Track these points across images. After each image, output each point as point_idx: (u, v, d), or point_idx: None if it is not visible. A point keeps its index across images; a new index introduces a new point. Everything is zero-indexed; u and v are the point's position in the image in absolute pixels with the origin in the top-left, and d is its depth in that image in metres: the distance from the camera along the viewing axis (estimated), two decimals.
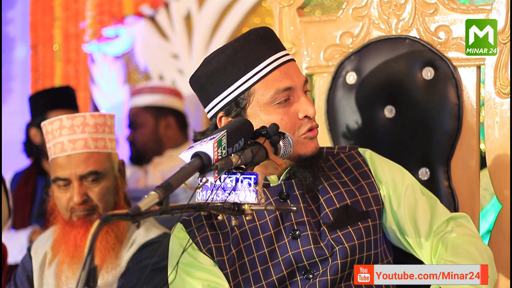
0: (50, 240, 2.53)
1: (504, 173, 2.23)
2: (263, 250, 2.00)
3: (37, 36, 5.10)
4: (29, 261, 2.57)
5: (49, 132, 2.45)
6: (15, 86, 5.21)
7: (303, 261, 1.98)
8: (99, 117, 2.44)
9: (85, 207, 2.42)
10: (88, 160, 2.41)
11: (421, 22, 2.34)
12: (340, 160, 2.09)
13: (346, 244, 1.98)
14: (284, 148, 1.90)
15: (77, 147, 2.41)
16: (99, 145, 2.44)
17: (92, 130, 2.42)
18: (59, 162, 2.43)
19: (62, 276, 2.46)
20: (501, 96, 2.24)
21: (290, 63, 2.00)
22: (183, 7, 4.66)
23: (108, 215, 1.51)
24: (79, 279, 1.41)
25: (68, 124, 2.42)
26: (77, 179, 2.41)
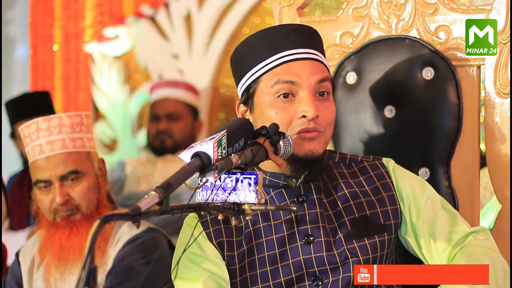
0: (37, 244, 2.54)
1: (504, 173, 2.23)
2: (274, 251, 1.98)
3: (37, 36, 5.10)
4: (18, 267, 2.58)
5: (27, 135, 2.46)
6: (15, 86, 5.21)
7: (314, 267, 1.96)
8: (75, 117, 2.45)
9: (68, 207, 2.43)
10: (67, 160, 2.42)
11: (421, 22, 2.34)
12: (363, 169, 2.06)
13: (360, 257, 1.96)
14: (284, 148, 1.89)
15: (55, 148, 2.42)
16: (77, 144, 2.44)
17: (69, 130, 2.43)
18: (39, 164, 2.44)
19: (51, 278, 2.47)
20: (501, 96, 2.24)
21: (308, 61, 1.95)
22: (183, 7, 4.66)
23: (108, 215, 1.51)
24: (79, 279, 1.41)
25: (44, 126, 2.43)
26: (57, 180, 2.42)
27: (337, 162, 2.07)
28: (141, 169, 4.07)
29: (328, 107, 1.96)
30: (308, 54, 1.96)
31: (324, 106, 1.95)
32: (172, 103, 4.08)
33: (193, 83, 4.58)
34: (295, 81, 1.93)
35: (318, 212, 1.98)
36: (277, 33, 1.98)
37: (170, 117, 4.05)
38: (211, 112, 4.67)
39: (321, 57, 1.99)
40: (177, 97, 4.09)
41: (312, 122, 1.92)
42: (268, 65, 1.95)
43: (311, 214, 1.98)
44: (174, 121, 4.05)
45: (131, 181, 4.06)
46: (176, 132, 4.04)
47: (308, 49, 1.96)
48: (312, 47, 1.97)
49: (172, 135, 4.04)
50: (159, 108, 4.08)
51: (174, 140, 4.03)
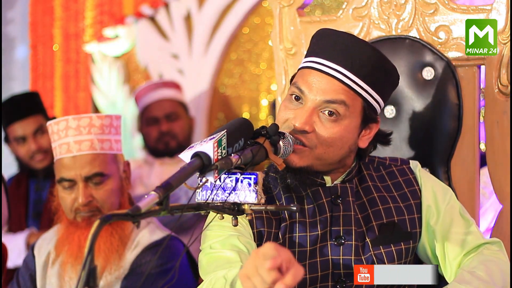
0: (54, 240, 2.53)
1: (504, 173, 2.23)
2: (305, 248, 1.97)
3: (37, 36, 5.09)
4: (32, 260, 2.57)
5: (55, 132, 2.44)
6: (15, 86, 5.21)
7: (340, 269, 1.96)
8: (105, 118, 2.44)
9: (90, 208, 2.42)
10: (93, 161, 2.41)
11: (421, 22, 2.34)
12: (392, 173, 2.05)
13: (386, 263, 1.96)
14: (284, 148, 1.89)
15: (83, 148, 2.41)
16: (105, 146, 2.44)
17: (98, 131, 2.42)
18: (65, 162, 2.42)
19: (65, 276, 2.46)
20: (501, 96, 2.24)
21: (327, 77, 1.90)
22: (183, 7, 4.66)
23: (108, 215, 1.51)
24: (79, 279, 1.41)
25: (74, 125, 2.41)
26: (82, 180, 2.41)
27: (366, 164, 2.06)
28: (137, 172, 4.04)
29: (329, 128, 1.90)
30: (335, 72, 1.89)
31: (324, 125, 1.90)
32: (168, 103, 4.03)
33: (193, 82, 4.58)
34: (304, 90, 1.92)
35: (352, 215, 1.98)
36: (330, 39, 1.94)
37: (169, 118, 4.01)
38: (211, 112, 4.67)
39: (357, 83, 1.89)
40: (171, 97, 4.05)
41: (299, 133, 1.90)
42: (304, 63, 1.97)
43: (345, 216, 1.98)
44: (173, 121, 4.01)
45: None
46: (178, 132, 4.00)
47: (343, 68, 1.89)
48: (350, 69, 1.89)
49: (175, 136, 3.98)
50: (157, 110, 4.01)
51: (177, 140, 3.99)
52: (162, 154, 3.99)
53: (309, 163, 1.93)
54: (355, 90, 1.89)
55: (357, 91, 1.90)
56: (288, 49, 2.51)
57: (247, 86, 4.62)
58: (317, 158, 1.93)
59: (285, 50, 2.52)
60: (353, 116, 1.91)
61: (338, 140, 1.91)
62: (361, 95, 1.90)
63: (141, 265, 2.40)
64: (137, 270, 2.40)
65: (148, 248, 2.43)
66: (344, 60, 1.90)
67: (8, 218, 2.84)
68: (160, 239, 2.44)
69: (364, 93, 1.90)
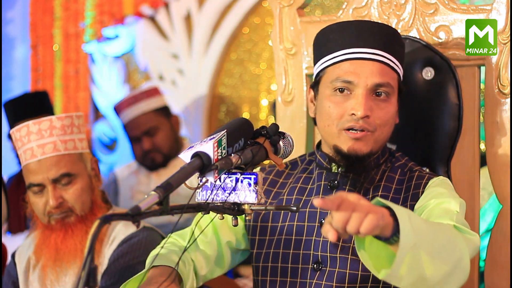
0: (32, 246, 2.54)
1: (504, 173, 2.23)
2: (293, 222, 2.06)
3: (37, 36, 5.09)
4: (14, 268, 2.58)
5: (18, 139, 2.44)
6: (15, 86, 5.21)
7: (318, 250, 2.01)
8: (66, 119, 2.44)
9: (62, 210, 2.42)
10: (59, 163, 2.41)
11: (421, 22, 2.34)
12: (411, 178, 2.05)
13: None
14: (284, 148, 1.90)
15: (46, 151, 2.40)
16: (69, 146, 2.43)
17: (60, 132, 2.42)
18: (31, 168, 2.43)
19: (46, 280, 2.47)
20: (501, 96, 2.24)
21: (371, 62, 1.98)
22: (183, 7, 4.66)
23: (108, 216, 1.51)
24: (79, 279, 1.41)
25: (35, 129, 2.41)
26: (50, 183, 2.41)
27: (396, 167, 2.08)
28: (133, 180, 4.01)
29: (384, 108, 1.99)
30: (374, 55, 1.98)
31: (379, 106, 1.98)
32: (142, 119, 3.91)
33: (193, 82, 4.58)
34: (352, 80, 1.98)
35: None
36: (353, 29, 2.02)
37: (148, 133, 3.90)
38: (211, 112, 4.66)
39: (391, 60, 1.99)
40: (143, 111, 3.92)
41: (361, 121, 1.97)
42: (334, 58, 2.01)
43: None
44: (154, 136, 3.91)
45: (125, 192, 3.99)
46: (161, 145, 3.90)
47: (377, 50, 1.98)
48: (383, 49, 1.99)
49: (159, 149, 3.90)
50: (134, 130, 3.92)
51: (163, 153, 3.92)
52: (153, 168, 3.94)
53: (371, 147, 2.01)
54: (392, 68, 2.00)
55: (393, 68, 2.01)
56: (288, 49, 2.51)
57: (247, 86, 4.62)
58: (375, 141, 2.01)
59: (285, 50, 2.52)
60: (395, 93, 2.02)
61: (391, 118, 2.02)
62: (396, 70, 2.01)
63: (118, 258, 2.41)
64: (115, 264, 2.41)
65: (124, 241, 2.44)
66: (374, 42, 1.99)
67: (7, 219, 2.84)
68: (136, 232, 2.45)
69: (398, 69, 2.02)
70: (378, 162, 2.07)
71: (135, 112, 3.92)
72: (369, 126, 1.98)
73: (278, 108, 2.56)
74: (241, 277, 3.75)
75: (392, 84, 2.00)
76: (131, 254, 2.41)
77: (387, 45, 2.00)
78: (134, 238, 2.44)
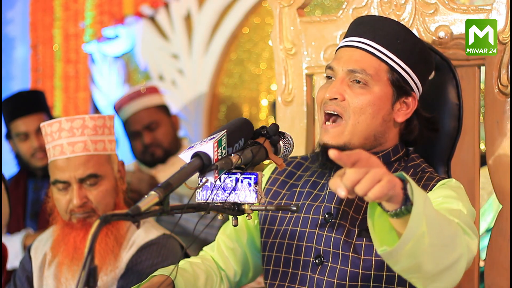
0: (50, 241, 2.53)
1: (504, 173, 2.23)
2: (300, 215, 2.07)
3: (37, 36, 5.10)
4: (29, 262, 2.56)
5: (48, 134, 2.43)
6: (15, 86, 5.21)
7: (321, 244, 2.01)
8: (98, 119, 2.43)
9: (85, 210, 2.42)
10: (87, 163, 2.41)
11: (421, 22, 2.34)
12: (421, 179, 2.02)
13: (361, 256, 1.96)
14: (284, 148, 1.90)
15: (76, 150, 2.40)
16: (99, 147, 2.43)
17: (91, 132, 2.41)
18: (59, 164, 2.42)
19: (62, 277, 2.46)
20: (501, 96, 2.24)
21: (353, 49, 2.00)
22: (183, 7, 4.66)
23: (108, 215, 1.51)
24: (79, 279, 1.41)
25: (67, 126, 2.41)
26: (76, 182, 2.40)
27: (409, 167, 2.06)
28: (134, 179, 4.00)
29: (359, 94, 1.98)
30: (359, 43, 2.00)
31: (355, 92, 1.99)
32: (145, 114, 3.93)
33: (193, 82, 4.58)
34: (333, 66, 2.02)
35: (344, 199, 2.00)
36: (358, 21, 2.06)
37: (149, 128, 3.91)
38: (211, 112, 4.66)
39: (379, 50, 1.98)
40: (146, 106, 3.94)
41: (331, 102, 1.99)
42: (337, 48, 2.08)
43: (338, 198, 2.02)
44: (155, 130, 3.93)
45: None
46: (162, 140, 3.91)
47: (366, 39, 2.00)
48: (372, 39, 2.00)
49: (160, 144, 3.91)
50: (135, 124, 3.93)
51: (163, 148, 3.93)
52: (152, 163, 3.94)
53: (346, 139, 1.99)
54: (378, 57, 1.99)
55: (381, 58, 1.98)
56: (288, 49, 2.51)
57: (247, 86, 4.62)
58: (351, 132, 1.99)
59: (285, 50, 2.52)
60: (381, 84, 1.99)
61: (369, 106, 1.98)
62: (385, 62, 1.99)
63: (137, 264, 2.41)
64: (133, 269, 2.40)
65: (144, 247, 2.43)
66: (367, 33, 2.01)
67: (9, 218, 2.84)
68: (155, 238, 2.45)
69: (389, 60, 1.99)
70: (387, 159, 2.06)
71: (137, 106, 3.94)
72: (341, 109, 1.98)
73: (278, 108, 2.56)
74: None
75: (369, 73, 1.98)
76: (149, 260, 2.40)
77: (380, 37, 1.99)
78: (154, 245, 2.43)
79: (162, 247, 2.43)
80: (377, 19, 2.06)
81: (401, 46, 2.00)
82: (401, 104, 2.03)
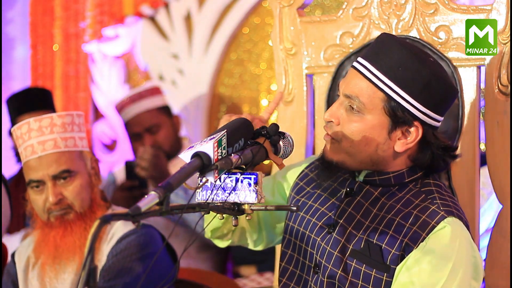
0: (32, 244, 2.55)
1: (504, 173, 2.23)
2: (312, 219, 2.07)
3: (37, 36, 5.09)
4: (13, 267, 2.59)
5: (19, 136, 2.46)
6: (15, 86, 5.21)
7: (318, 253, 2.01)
8: (66, 117, 2.46)
9: (61, 207, 2.44)
10: (59, 159, 2.43)
11: (421, 22, 2.34)
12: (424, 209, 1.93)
13: (349, 277, 1.95)
14: (284, 148, 1.90)
15: (47, 148, 2.43)
16: (69, 144, 2.45)
17: (60, 130, 2.44)
18: (31, 164, 2.44)
19: (45, 277, 2.48)
20: (501, 96, 2.24)
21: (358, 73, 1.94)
22: (183, 7, 4.65)
23: (108, 215, 1.51)
24: (79, 279, 1.41)
25: (36, 126, 2.43)
26: (50, 180, 2.43)
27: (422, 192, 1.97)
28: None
29: (352, 121, 1.94)
30: (361, 67, 1.94)
31: (348, 118, 1.94)
32: (145, 116, 3.91)
33: (193, 82, 4.58)
34: (339, 86, 1.99)
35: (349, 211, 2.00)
36: (376, 40, 1.99)
37: (150, 131, 3.89)
38: (211, 112, 4.66)
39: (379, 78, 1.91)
40: (147, 108, 3.93)
41: (328, 124, 1.97)
42: None
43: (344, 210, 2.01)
44: (156, 133, 3.91)
45: None
46: (163, 143, 3.91)
47: (370, 64, 1.92)
48: (376, 65, 1.91)
49: (161, 147, 3.91)
50: (136, 126, 3.92)
51: (164, 151, 3.91)
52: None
53: (341, 158, 1.97)
54: (375, 84, 1.91)
55: (377, 85, 1.91)
56: (288, 49, 2.51)
57: (247, 86, 4.62)
58: (346, 153, 1.96)
59: (285, 50, 2.52)
60: (375, 113, 1.93)
61: (361, 134, 1.93)
62: (382, 89, 1.91)
63: (116, 255, 2.43)
64: (114, 260, 2.42)
65: (123, 237, 2.46)
66: (373, 56, 1.93)
67: (10, 218, 2.85)
68: (133, 228, 2.46)
69: (386, 88, 1.90)
70: (401, 180, 1.99)
71: (139, 108, 3.93)
72: (331, 132, 1.96)
73: (278, 108, 2.56)
74: (241, 277, 3.75)
75: (363, 101, 1.91)
76: (129, 250, 2.42)
77: (383, 63, 1.91)
78: (133, 235, 2.46)
79: (141, 236, 2.46)
80: (387, 43, 1.94)
81: (401, 74, 1.89)
82: (402, 134, 1.94)
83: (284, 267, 2.11)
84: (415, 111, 1.91)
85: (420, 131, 1.93)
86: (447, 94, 1.96)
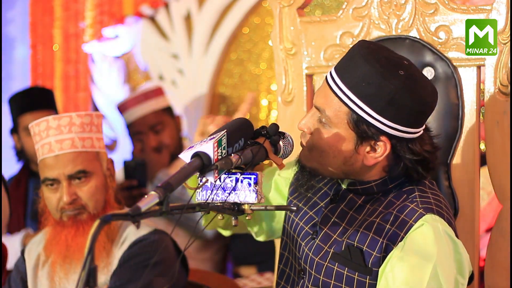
0: (43, 242, 2.54)
1: (504, 173, 2.23)
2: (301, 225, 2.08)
3: (37, 36, 5.09)
4: (23, 264, 2.58)
5: (37, 133, 2.46)
6: (15, 86, 5.21)
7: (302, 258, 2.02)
8: (85, 117, 2.45)
9: (75, 207, 2.43)
10: (76, 159, 2.42)
11: (421, 22, 2.34)
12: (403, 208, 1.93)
13: (332, 281, 1.96)
14: (284, 148, 1.90)
15: (64, 147, 2.42)
16: (86, 144, 2.45)
17: (78, 129, 2.43)
18: (47, 162, 2.44)
19: (55, 276, 2.47)
20: (501, 96, 2.24)
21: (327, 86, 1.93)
22: (183, 7, 4.66)
23: (108, 215, 1.51)
24: (79, 279, 1.41)
25: (54, 124, 2.43)
26: (65, 179, 2.42)
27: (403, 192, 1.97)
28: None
29: (319, 132, 1.94)
30: (331, 80, 1.93)
31: (319, 130, 1.95)
32: (151, 117, 3.92)
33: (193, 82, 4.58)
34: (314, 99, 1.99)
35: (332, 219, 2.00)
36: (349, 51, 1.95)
37: (154, 130, 3.90)
38: (211, 112, 4.66)
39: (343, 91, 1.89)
40: (153, 109, 3.93)
41: (302, 133, 1.99)
42: None
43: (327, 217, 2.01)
44: (160, 133, 3.91)
45: None
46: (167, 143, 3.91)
47: (338, 78, 1.91)
48: (343, 79, 1.89)
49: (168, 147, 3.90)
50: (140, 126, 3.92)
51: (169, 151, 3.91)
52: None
53: (314, 165, 1.98)
54: (340, 99, 1.90)
55: (342, 99, 1.89)
56: (288, 49, 2.51)
57: (247, 86, 4.62)
58: (318, 162, 1.97)
59: (285, 50, 2.52)
60: (340, 127, 1.92)
61: (327, 147, 1.94)
62: (346, 104, 1.89)
63: (128, 260, 2.42)
64: (125, 265, 2.41)
65: (135, 243, 2.44)
66: (342, 70, 1.91)
67: (9, 218, 2.84)
68: (147, 234, 2.46)
69: (350, 103, 1.89)
70: (383, 187, 1.98)
71: (144, 110, 3.93)
72: (304, 141, 1.98)
73: (278, 108, 2.56)
74: (241, 277, 3.75)
75: (328, 114, 1.91)
76: (141, 256, 2.41)
77: (349, 77, 1.89)
78: (145, 240, 2.45)
79: (154, 242, 2.45)
80: (355, 56, 1.90)
81: (365, 89, 1.86)
82: (371, 147, 1.92)
83: (282, 269, 2.12)
84: (381, 126, 1.88)
85: (388, 146, 1.91)
86: (417, 107, 1.89)
